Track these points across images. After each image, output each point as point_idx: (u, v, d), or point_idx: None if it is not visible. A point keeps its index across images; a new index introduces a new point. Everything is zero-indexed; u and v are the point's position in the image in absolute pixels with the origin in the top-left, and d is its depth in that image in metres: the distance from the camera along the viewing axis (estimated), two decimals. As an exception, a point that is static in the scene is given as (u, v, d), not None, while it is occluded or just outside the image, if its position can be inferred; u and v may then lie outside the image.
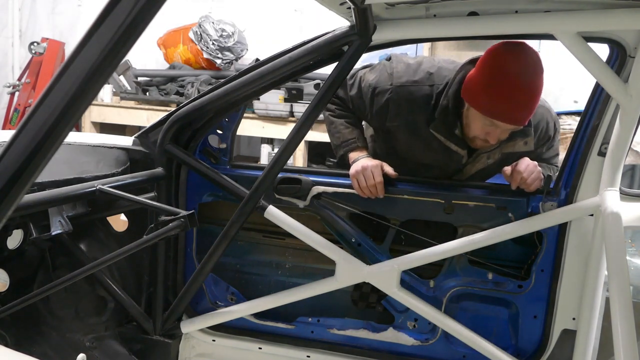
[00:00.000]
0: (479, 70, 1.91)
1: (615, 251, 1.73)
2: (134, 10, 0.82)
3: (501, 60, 1.87)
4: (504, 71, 1.85)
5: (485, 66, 1.89)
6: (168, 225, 1.80)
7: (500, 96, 1.85)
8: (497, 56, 1.89)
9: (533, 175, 1.97)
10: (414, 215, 2.16)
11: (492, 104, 1.87)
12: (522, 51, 1.88)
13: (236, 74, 2.05)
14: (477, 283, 2.14)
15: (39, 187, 1.69)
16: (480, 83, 1.89)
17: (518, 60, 1.86)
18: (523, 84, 1.84)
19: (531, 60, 1.87)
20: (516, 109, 1.88)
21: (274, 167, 1.99)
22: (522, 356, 2.12)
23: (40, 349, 1.92)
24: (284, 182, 2.16)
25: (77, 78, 0.83)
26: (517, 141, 2.04)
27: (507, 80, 1.84)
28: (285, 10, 5.59)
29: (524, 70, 1.85)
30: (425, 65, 2.09)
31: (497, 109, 1.88)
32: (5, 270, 1.76)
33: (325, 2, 1.70)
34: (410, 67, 2.10)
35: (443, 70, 2.06)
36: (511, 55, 1.87)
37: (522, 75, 1.84)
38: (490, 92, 1.87)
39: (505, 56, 1.88)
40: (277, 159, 1.98)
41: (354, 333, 2.24)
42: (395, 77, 2.08)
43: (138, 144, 2.23)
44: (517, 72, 1.84)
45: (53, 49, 5.78)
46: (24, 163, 0.86)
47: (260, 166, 2.31)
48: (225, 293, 2.34)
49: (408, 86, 2.06)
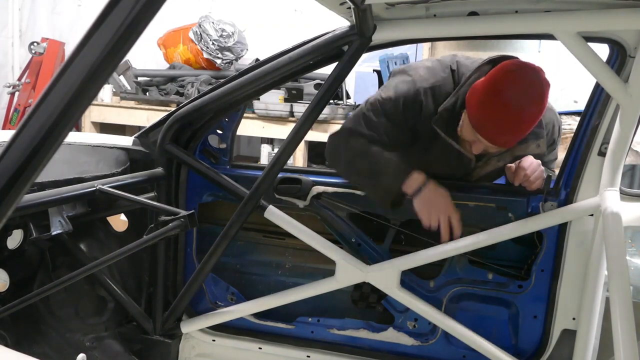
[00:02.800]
0: (483, 82, 1.87)
1: (615, 251, 1.73)
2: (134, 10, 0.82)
3: (501, 80, 1.82)
4: (499, 93, 1.81)
5: (488, 80, 1.85)
6: (168, 225, 1.80)
7: (489, 116, 1.83)
8: (500, 75, 1.84)
9: (536, 174, 1.98)
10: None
11: (480, 119, 1.85)
12: (525, 77, 1.82)
13: (236, 74, 2.05)
14: (477, 283, 2.14)
15: (39, 187, 1.69)
16: (478, 95, 1.85)
17: (517, 84, 1.80)
18: (514, 110, 1.79)
19: (532, 88, 1.81)
20: (500, 133, 1.85)
21: (274, 167, 1.99)
22: (522, 356, 2.12)
23: (40, 349, 1.92)
24: (284, 182, 2.16)
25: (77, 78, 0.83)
26: (529, 144, 2.02)
27: (499, 103, 1.80)
28: (285, 10, 5.60)
29: (519, 96, 1.79)
30: (445, 62, 2.06)
31: (483, 126, 1.85)
32: (5, 270, 1.76)
33: (325, 2, 1.70)
34: (429, 69, 2.05)
35: (462, 67, 2.03)
36: (512, 78, 1.81)
37: (516, 100, 1.79)
38: (481, 107, 1.84)
39: (507, 77, 1.82)
40: (277, 159, 1.98)
41: (354, 333, 2.24)
42: (422, 80, 2.01)
43: (138, 144, 2.23)
44: (511, 97, 1.79)
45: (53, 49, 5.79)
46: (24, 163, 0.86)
47: (260, 166, 2.31)
48: (225, 293, 2.34)
49: (437, 83, 2.01)
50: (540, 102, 1.83)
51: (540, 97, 1.83)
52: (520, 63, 1.87)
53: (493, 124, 1.83)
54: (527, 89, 1.80)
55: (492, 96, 1.81)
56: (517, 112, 1.80)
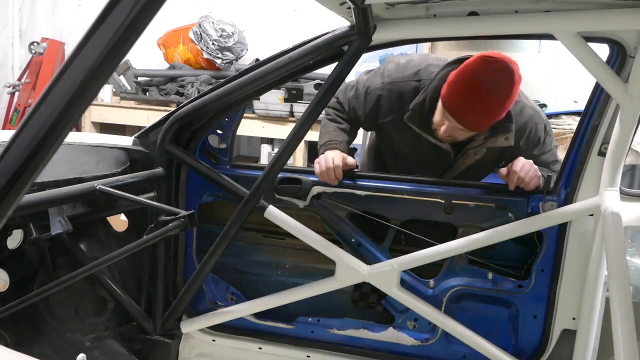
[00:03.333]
0: (459, 67, 1.97)
1: (615, 251, 1.73)
2: (134, 10, 0.82)
3: (474, 64, 1.93)
4: (470, 74, 1.92)
5: (464, 65, 1.96)
6: (168, 225, 1.80)
7: (457, 94, 1.93)
8: (474, 60, 1.94)
9: (530, 174, 1.98)
10: (414, 215, 2.16)
11: (449, 97, 1.95)
12: (497, 64, 1.91)
13: (236, 74, 2.05)
14: (477, 283, 2.14)
15: (39, 187, 1.69)
16: (452, 77, 1.96)
17: (487, 69, 1.90)
18: (482, 91, 1.89)
19: (502, 74, 1.91)
20: (467, 111, 1.94)
21: (274, 167, 1.99)
22: (522, 356, 2.12)
23: (40, 349, 1.92)
24: (284, 182, 2.16)
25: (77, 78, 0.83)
26: (498, 137, 2.08)
27: (468, 83, 1.91)
28: (285, 10, 5.59)
29: (488, 80, 1.89)
30: (414, 63, 2.20)
31: (451, 104, 1.95)
32: (5, 270, 1.76)
33: (325, 2, 1.70)
34: (399, 65, 2.21)
35: (431, 67, 2.15)
36: (485, 62, 1.92)
37: (484, 83, 1.89)
38: (452, 86, 1.94)
39: (479, 62, 1.93)
40: (277, 159, 1.98)
41: (354, 333, 2.24)
42: (386, 76, 2.20)
43: (138, 144, 2.22)
44: (481, 79, 1.89)
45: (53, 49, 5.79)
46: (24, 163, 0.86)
47: (260, 166, 2.31)
48: (225, 293, 2.34)
49: (397, 82, 2.17)
50: (509, 90, 1.91)
51: (509, 85, 1.91)
52: (496, 54, 1.95)
53: (461, 102, 1.92)
54: (497, 75, 1.89)
55: (463, 76, 1.92)
56: (485, 94, 1.89)
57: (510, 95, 1.93)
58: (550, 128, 2.23)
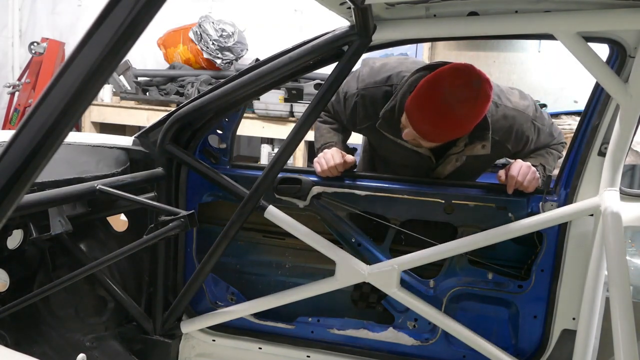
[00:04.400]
0: (426, 77, 1.90)
1: (615, 251, 1.73)
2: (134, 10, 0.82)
3: (439, 75, 1.87)
4: (433, 85, 1.85)
5: (431, 74, 1.89)
6: (168, 225, 1.80)
7: (419, 103, 1.88)
8: (441, 71, 1.88)
9: (528, 177, 1.98)
10: (414, 215, 2.16)
11: (410, 105, 1.90)
12: (462, 78, 1.84)
13: (236, 74, 2.05)
14: (477, 283, 2.14)
15: (39, 187, 1.69)
16: (419, 84, 1.89)
17: (452, 82, 1.83)
18: (441, 104, 1.83)
19: (465, 90, 1.82)
20: (423, 121, 1.89)
21: (274, 167, 1.99)
22: (522, 356, 2.12)
23: (40, 349, 1.92)
24: (284, 182, 2.16)
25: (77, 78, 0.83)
26: (475, 144, 2.03)
27: (430, 93, 1.85)
28: (285, 10, 5.59)
29: (449, 93, 1.81)
30: (388, 67, 2.17)
31: (411, 111, 1.91)
32: (5, 270, 1.76)
33: (325, 2, 1.70)
34: (373, 69, 2.20)
35: (403, 72, 2.12)
36: (450, 75, 1.85)
37: (445, 96, 1.82)
38: (416, 94, 1.89)
39: (444, 74, 1.86)
40: (277, 159, 1.98)
41: (354, 333, 2.24)
42: (360, 81, 2.18)
43: (138, 144, 2.22)
44: (442, 92, 1.82)
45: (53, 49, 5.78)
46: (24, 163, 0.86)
47: (260, 166, 2.31)
48: (225, 293, 2.34)
49: (369, 88, 2.15)
50: (471, 107, 1.83)
51: (472, 102, 1.83)
52: (466, 67, 1.88)
53: (420, 112, 1.88)
54: (459, 90, 1.81)
55: (427, 86, 1.87)
56: (444, 108, 1.83)
57: (473, 113, 1.86)
58: (541, 122, 2.16)
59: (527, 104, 2.14)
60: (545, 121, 2.19)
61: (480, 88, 1.83)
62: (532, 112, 2.13)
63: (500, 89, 2.11)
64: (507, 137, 2.09)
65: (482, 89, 1.84)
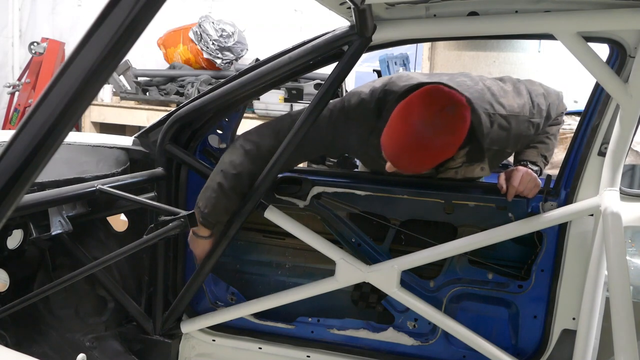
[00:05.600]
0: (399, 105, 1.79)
1: (615, 251, 1.73)
2: (134, 10, 0.82)
3: (409, 104, 1.74)
4: (404, 117, 1.73)
5: (402, 104, 1.77)
6: (168, 225, 1.80)
7: (392, 140, 1.75)
8: (411, 99, 1.75)
9: (529, 185, 1.96)
10: (414, 215, 2.16)
11: (385, 144, 1.78)
12: (435, 105, 1.69)
13: (236, 74, 2.05)
14: (477, 283, 2.14)
15: (39, 187, 1.69)
16: (390, 121, 1.78)
17: (423, 111, 1.69)
18: (414, 136, 1.69)
19: (438, 118, 1.67)
20: (400, 158, 1.76)
21: (274, 167, 1.99)
22: (522, 356, 2.12)
23: (40, 349, 1.92)
24: (284, 182, 2.16)
25: (77, 78, 0.83)
26: (474, 166, 1.98)
27: (401, 127, 1.72)
28: (285, 10, 5.60)
29: (421, 124, 1.68)
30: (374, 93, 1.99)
31: (387, 150, 1.78)
32: (5, 270, 1.76)
33: (325, 2, 1.70)
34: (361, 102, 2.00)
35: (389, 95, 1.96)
36: (420, 104, 1.71)
37: (417, 127, 1.68)
38: (388, 128, 1.77)
39: (414, 103, 1.73)
40: (277, 159, 1.98)
41: (354, 333, 2.24)
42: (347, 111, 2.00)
43: (138, 144, 2.23)
44: (414, 123, 1.69)
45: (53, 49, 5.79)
46: (24, 163, 0.86)
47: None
48: (225, 293, 2.34)
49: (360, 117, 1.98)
50: (449, 135, 1.71)
51: (449, 130, 1.70)
52: (437, 92, 1.74)
53: (395, 147, 1.75)
54: (433, 119, 1.67)
55: (397, 119, 1.74)
56: (419, 140, 1.68)
57: (452, 141, 1.72)
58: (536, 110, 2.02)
59: (522, 102, 1.99)
60: (544, 110, 2.04)
61: (455, 113, 1.69)
62: (529, 109, 2.01)
63: (491, 93, 1.94)
64: (505, 144, 2.00)
65: (458, 113, 1.70)
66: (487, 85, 1.96)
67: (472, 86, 1.93)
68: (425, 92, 1.75)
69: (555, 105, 2.09)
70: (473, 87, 1.92)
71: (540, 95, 2.04)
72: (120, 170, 2.05)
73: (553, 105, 2.08)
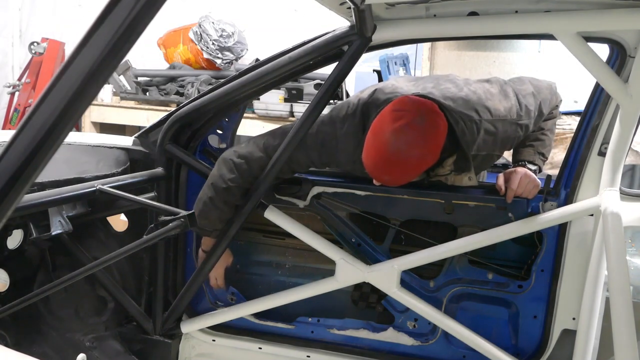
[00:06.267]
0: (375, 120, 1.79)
1: (615, 251, 1.73)
2: (134, 10, 0.82)
3: (381, 119, 1.74)
4: (377, 132, 1.72)
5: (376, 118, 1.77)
6: (168, 225, 1.80)
7: (369, 156, 1.74)
8: (382, 114, 1.75)
9: (528, 187, 1.96)
10: (414, 215, 2.16)
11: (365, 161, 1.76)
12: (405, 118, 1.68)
13: (236, 74, 2.05)
14: (477, 283, 2.14)
15: (39, 187, 1.69)
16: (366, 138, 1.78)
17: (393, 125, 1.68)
18: (389, 150, 1.68)
19: (410, 131, 1.67)
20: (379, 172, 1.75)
21: (274, 167, 1.99)
22: (522, 356, 2.12)
23: (40, 349, 1.92)
24: (284, 182, 2.16)
25: (77, 78, 0.83)
26: (461, 176, 1.95)
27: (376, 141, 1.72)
28: (285, 10, 5.59)
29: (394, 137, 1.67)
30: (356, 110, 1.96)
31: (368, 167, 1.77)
32: (5, 270, 1.76)
33: (325, 2, 1.70)
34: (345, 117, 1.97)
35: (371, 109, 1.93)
36: (390, 118, 1.71)
37: (390, 141, 1.67)
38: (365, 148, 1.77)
39: (385, 117, 1.72)
40: (277, 159, 1.98)
41: (354, 333, 2.24)
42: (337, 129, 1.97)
43: (138, 144, 2.23)
44: (386, 138, 1.68)
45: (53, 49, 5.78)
46: (24, 163, 0.86)
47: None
48: (225, 293, 2.34)
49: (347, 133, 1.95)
50: (422, 146, 1.68)
51: (420, 142, 1.68)
52: (405, 104, 1.73)
53: (373, 164, 1.74)
54: (403, 133, 1.66)
55: (371, 136, 1.74)
56: (394, 154, 1.68)
57: (427, 151, 1.70)
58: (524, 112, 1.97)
59: (509, 105, 1.95)
60: (532, 111, 1.99)
61: (425, 124, 1.68)
62: (516, 112, 1.96)
63: (477, 97, 1.90)
64: (493, 147, 1.97)
65: (428, 122, 1.69)
66: (472, 89, 1.93)
67: (457, 93, 1.89)
68: (393, 106, 1.74)
69: (548, 100, 2.06)
70: (457, 94, 1.88)
71: (529, 95, 2.01)
72: (121, 170, 2.05)
73: (545, 101, 2.05)
